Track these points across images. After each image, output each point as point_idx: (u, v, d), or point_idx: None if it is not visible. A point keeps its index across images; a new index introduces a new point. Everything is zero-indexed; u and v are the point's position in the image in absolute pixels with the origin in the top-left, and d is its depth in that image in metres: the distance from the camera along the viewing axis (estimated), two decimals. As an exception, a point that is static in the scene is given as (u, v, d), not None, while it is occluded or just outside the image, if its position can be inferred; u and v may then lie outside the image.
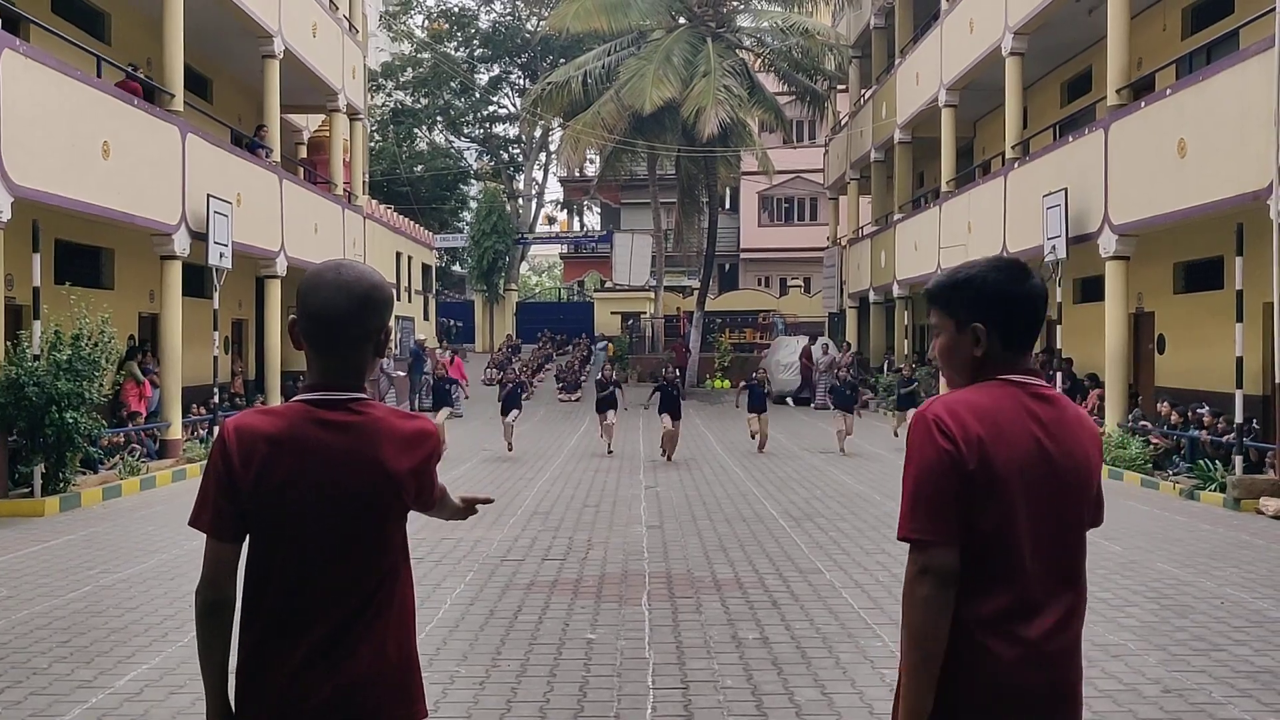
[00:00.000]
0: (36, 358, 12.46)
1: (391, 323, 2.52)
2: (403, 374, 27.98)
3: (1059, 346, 19.09)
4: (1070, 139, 18.76)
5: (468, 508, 2.94)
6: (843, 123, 38.07)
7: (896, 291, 29.29)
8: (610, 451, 18.95)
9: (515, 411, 18.87)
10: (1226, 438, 13.92)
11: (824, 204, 45.72)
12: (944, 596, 2.21)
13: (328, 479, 2.34)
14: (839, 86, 38.12)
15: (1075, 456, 2.36)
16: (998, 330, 2.40)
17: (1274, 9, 12.64)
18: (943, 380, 2.66)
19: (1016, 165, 21.02)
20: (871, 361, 32.49)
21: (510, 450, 18.51)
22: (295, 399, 2.44)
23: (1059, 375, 18.68)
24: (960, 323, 2.44)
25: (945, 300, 2.48)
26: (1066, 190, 17.57)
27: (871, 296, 32.80)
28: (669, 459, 17.75)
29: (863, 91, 35.44)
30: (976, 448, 2.25)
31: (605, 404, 19.28)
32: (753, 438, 19.31)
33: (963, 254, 21.85)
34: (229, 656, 2.41)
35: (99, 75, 15.29)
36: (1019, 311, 2.41)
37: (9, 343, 12.71)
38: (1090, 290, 20.68)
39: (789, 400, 31.34)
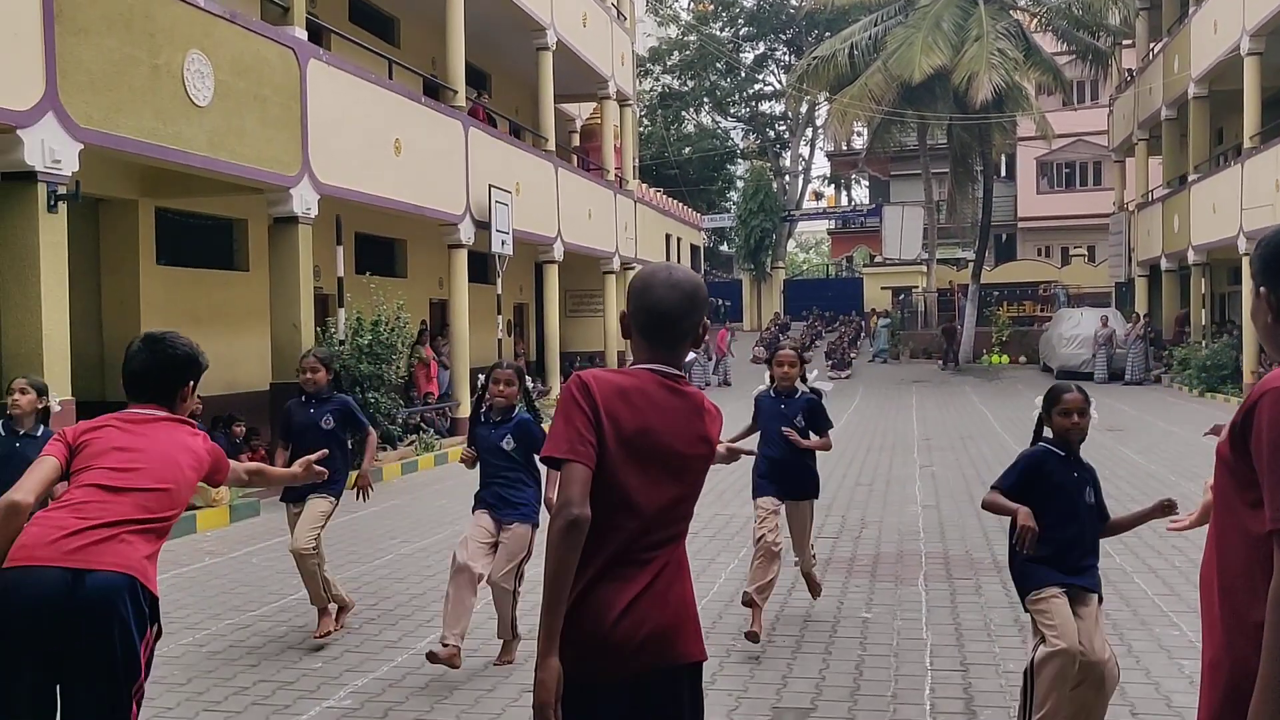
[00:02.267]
0: (342, 342, 13.49)
1: (707, 319, 2.88)
2: (693, 356, 28.58)
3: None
4: (1398, 83, 16.88)
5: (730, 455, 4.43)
6: (1129, 80, 35.71)
7: (1192, 258, 27.22)
8: None
9: None
10: None
11: (1109, 167, 43.05)
12: None
13: (669, 432, 2.66)
14: (1124, 42, 35.76)
15: None
16: None
17: None
18: (1246, 351, 2.45)
19: (1333, 115, 19.11)
20: (1164, 334, 30.40)
21: None
22: (639, 366, 2.76)
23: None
24: (1256, 287, 2.25)
25: (1252, 262, 2.28)
26: (1394, 140, 15.83)
27: (1164, 264, 30.64)
28: None
29: (1151, 45, 33.10)
30: None
31: None
32: None
33: (1270, 215, 20.07)
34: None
35: (390, 77, 16.33)
36: None
37: (318, 329, 13.80)
38: None
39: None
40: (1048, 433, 4.47)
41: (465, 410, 17.83)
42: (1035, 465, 4.39)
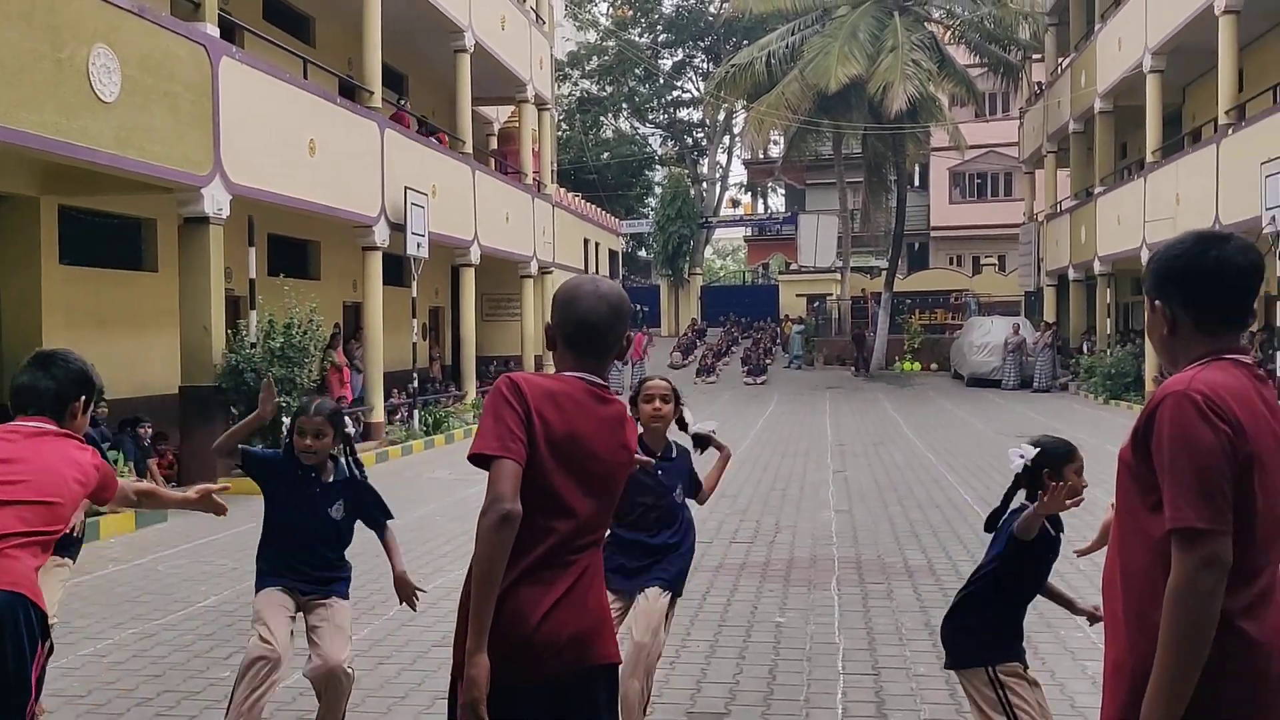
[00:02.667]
0: (253, 345, 13.24)
1: (630, 331, 2.92)
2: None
3: (1278, 325, 17.91)
4: (1291, 102, 17.55)
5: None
6: (1038, 94, 36.62)
7: (1098, 268, 27.99)
8: None
9: None
10: None
11: (1019, 179, 44.11)
12: (1220, 592, 2.11)
13: (595, 439, 2.70)
14: (1034, 56, 36.68)
15: None
16: (1182, 308, 2.28)
17: None
18: (1147, 360, 2.55)
19: (1231, 132, 19.78)
20: (1071, 342, 31.21)
21: None
22: (566, 374, 2.78)
23: (1279, 355, 17.52)
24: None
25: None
26: (1287, 157, 16.44)
27: (1071, 274, 31.48)
28: None
29: (1060, 60, 33.98)
30: (1243, 431, 2.15)
31: None
32: None
33: (1170, 228, 20.71)
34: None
35: (305, 76, 16.08)
36: (1209, 288, 2.27)
37: (229, 331, 13.53)
38: (1314, 263, 19.30)
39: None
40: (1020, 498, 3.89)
41: (379, 415, 17.63)
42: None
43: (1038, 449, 3.89)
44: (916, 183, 46.91)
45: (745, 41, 41.85)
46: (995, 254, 46.49)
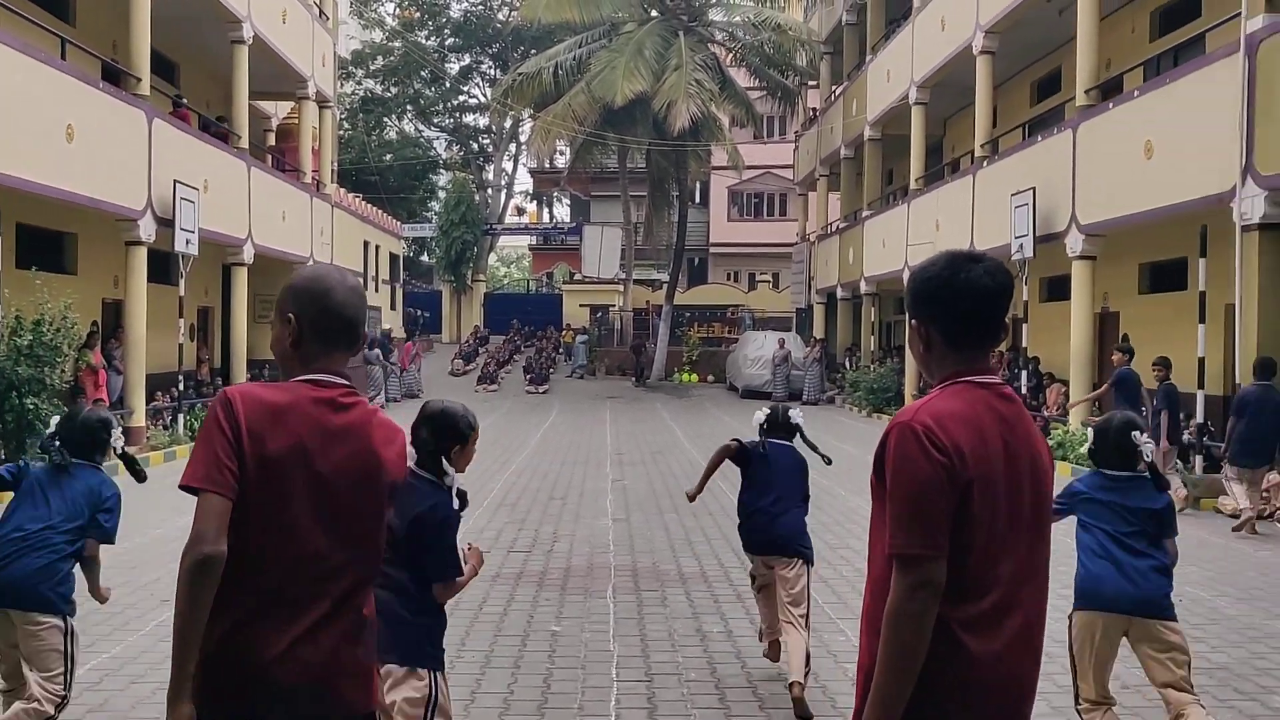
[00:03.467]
0: (-3, 342, 12.32)
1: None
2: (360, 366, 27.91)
3: (1025, 345, 19.24)
4: (1039, 139, 18.91)
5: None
6: (813, 119, 38.17)
7: (864, 288, 29.42)
8: None
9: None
10: (1187, 436, 14.08)
11: (794, 200, 45.84)
12: (933, 611, 2.21)
13: (329, 453, 2.45)
14: (810, 82, 38.20)
15: (1041, 462, 2.39)
16: (937, 327, 2.38)
17: (1239, 14, 12.79)
18: (907, 375, 2.65)
19: (985, 164, 21.16)
20: (838, 357, 32.67)
21: None
22: (295, 379, 2.53)
23: (1025, 373, 18.83)
24: (910, 318, 2.47)
25: (906, 295, 2.51)
26: (1035, 190, 17.70)
27: (839, 293, 32.93)
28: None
29: (834, 88, 35.54)
30: (965, 458, 2.24)
31: None
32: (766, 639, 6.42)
33: (930, 251, 21.80)
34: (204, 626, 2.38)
35: (63, 57, 15.09)
36: (959, 307, 2.37)
37: (-31, 327, 12.55)
38: (1056, 289, 20.85)
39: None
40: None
41: (140, 419, 16.69)
42: None
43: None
44: (698, 199, 48.02)
45: (533, 51, 41.88)
46: (770, 271, 48.10)
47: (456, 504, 3.67)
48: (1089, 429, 5.60)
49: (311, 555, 2.42)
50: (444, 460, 3.69)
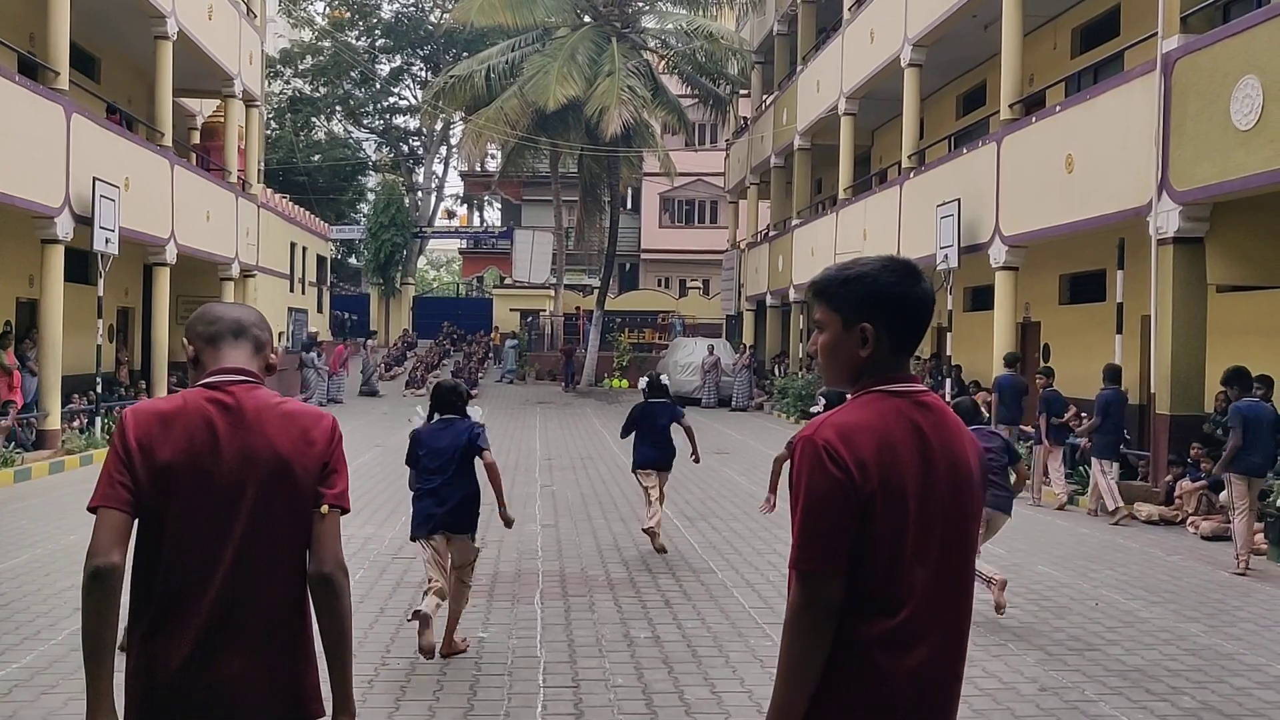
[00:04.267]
0: (-95, 342, 11.93)
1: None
2: (293, 369, 27.55)
3: (949, 353, 19.54)
4: (964, 151, 19.22)
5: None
6: (744, 127, 38.44)
7: (793, 296, 29.67)
8: None
9: None
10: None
11: (724, 207, 46.09)
12: (826, 628, 2.18)
13: (221, 455, 2.45)
14: (741, 91, 38.46)
15: (961, 469, 2.32)
16: (886, 331, 2.34)
17: (1156, 33, 13.13)
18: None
19: (912, 175, 21.46)
20: (766, 364, 32.90)
21: None
22: (192, 387, 2.56)
23: (948, 381, 19.13)
24: (847, 320, 2.37)
25: (833, 296, 2.39)
26: (959, 201, 17.99)
27: (768, 300, 33.17)
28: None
29: (764, 97, 35.82)
30: (868, 473, 2.20)
31: None
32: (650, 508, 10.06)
33: (858, 260, 22.17)
34: (116, 639, 2.39)
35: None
36: (910, 314, 2.35)
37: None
38: (980, 299, 21.22)
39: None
40: None
41: (55, 422, 16.29)
42: None
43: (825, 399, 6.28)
44: (629, 205, 48.08)
45: (465, 54, 41.64)
46: (701, 278, 48.32)
47: (479, 419, 6.86)
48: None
49: (206, 560, 2.42)
50: (465, 407, 6.88)
